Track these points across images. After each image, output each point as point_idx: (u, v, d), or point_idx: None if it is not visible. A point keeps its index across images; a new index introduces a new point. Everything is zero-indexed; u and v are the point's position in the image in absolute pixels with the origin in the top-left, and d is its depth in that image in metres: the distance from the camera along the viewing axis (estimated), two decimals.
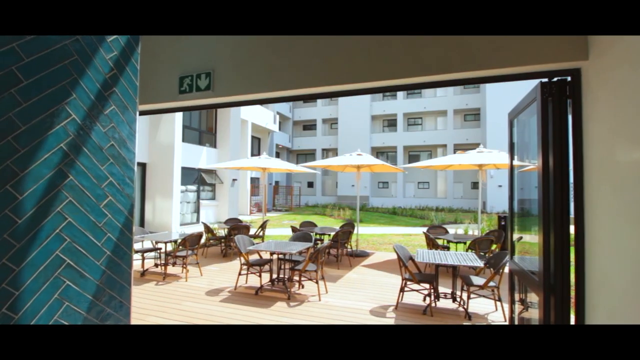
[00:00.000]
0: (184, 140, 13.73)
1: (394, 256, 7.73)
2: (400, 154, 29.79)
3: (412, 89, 2.45)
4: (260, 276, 4.76)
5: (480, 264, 3.87)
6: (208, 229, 7.49)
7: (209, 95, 2.74)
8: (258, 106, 22.32)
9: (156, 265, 5.92)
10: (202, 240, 8.52)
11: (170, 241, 5.59)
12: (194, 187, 14.33)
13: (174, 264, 5.80)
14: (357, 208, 8.26)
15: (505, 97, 24.41)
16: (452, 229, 13.19)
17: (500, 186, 24.07)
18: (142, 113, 3.17)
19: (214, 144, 16.09)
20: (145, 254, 5.95)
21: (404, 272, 4.19)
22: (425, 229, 6.80)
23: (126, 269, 1.62)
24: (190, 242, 5.50)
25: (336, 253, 6.53)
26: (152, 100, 2.97)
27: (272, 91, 2.63)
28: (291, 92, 2.62)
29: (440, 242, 6.64)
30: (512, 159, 2.97)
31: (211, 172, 15.84)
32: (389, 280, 5.64)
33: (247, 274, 4.85)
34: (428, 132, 29.76)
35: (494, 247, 5.86)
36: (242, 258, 4.67)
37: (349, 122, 31.07)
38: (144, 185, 11.76)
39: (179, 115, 11.61)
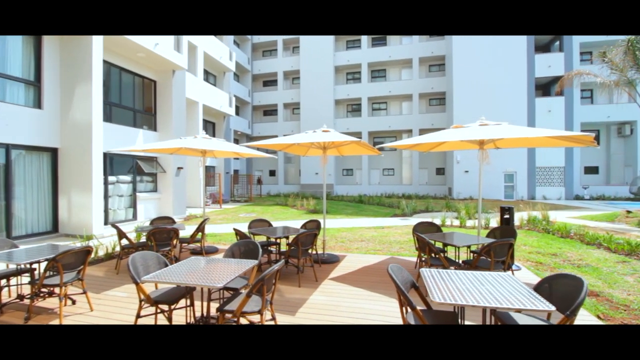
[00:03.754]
0: (112, 120, 11.22)
1: (371, 261, 6.26)
2: (365, 140, 28.64)
3: None
4: (169, 318, 2.99)
5: (546, 305, 2.31)
6: (122, 234, 5.49)
7: None
8: (211, 87, 19.80)
9: (20, 297, 3.89)
10: (104, 252, 6.50)
11: (47, 259, 3.59)
12: (128, 178, 11.91)
13: (49, 295, 3.83)
14: (323, 198, 6.68)
15: (471, 80, 23.97)
16: (427, 220, 12.15)
17: (466, 172, 23.80)
18: None
19: (153, 127, 13.61)
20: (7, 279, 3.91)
21: (405, 311, 2.63)
22: (397, 218, 5.34)
23: None
24: (70, 261, 3.57)
25: (297, 263, 4.89)
26: None
27: None
28: None
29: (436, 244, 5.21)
30: None
31: (151, 159, 13.41)
32: (373, 306, 4.06)
33: (155, 313, 3.06)
34: (393, 116, 28.84)
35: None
36: (140, 292, 2.87)
37: (311, 107, 29.25)
38: (55, 176, 9.26)
39: (96, 88, 9.15)
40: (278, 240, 5.58)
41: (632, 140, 23.55)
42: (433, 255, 4.58)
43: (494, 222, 10.78)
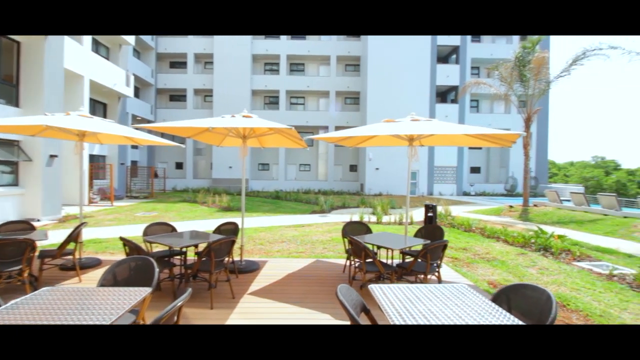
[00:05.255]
0: None
1: (296, 265, 5.61)
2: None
3: None
4: None
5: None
6: None
7: None
8: (100, 59, 16.43)
9: None
10: None
11: None
12: None
13: None
14: (242, 195, 5.72)
15: (383, 81, 25.32)
16: (345, 216, 12.14)
17: (377, 169, 25.17)
18: None
19: (14, 101, 10.46)
20: None
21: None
22: (317, 215, 4.84)
23: None
24: None
25: (209, 278, 3.89)
26: None
27: None
28: None
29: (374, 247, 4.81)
30: None
31: (10, 144, 10.30)
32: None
33: None
34: (311, 112, 28.78)
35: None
36: None
37: (226, 95, 27.14)
38: None
39: None
40: (184, 249, 4.46)
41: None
42: (368, 260, 4.15)
43: (407, 217, 11.28)
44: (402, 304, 2.28)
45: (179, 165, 29.11)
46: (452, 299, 2.40)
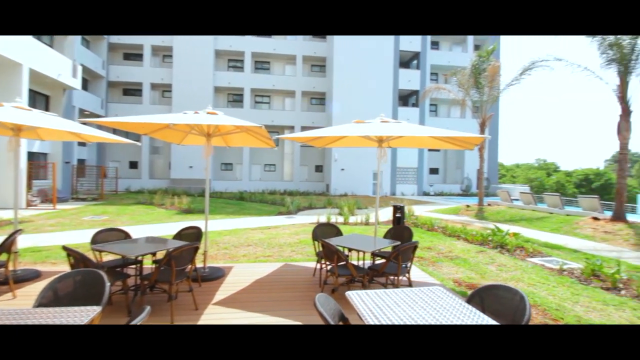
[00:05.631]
0: None
1: (264, 270, 5.40)
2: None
3: None
4: None
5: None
6: None
7: None
8: (43, 46, 14.89)
9: None
10: None
11: None
12: None
13: None
14: (206, 196, 5.34)
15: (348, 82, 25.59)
16: (312, 217, 12.00)
17: (343, 169, 25.39)
18: None
19: None
20: None
21: None
22: (283, 217, 4.70)
23: None
24: None
25: (167, 288, 3.54)
26: None
27: None
28: None
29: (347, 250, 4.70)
30: None
31: None
32: None
33: None
34: (276, 111, 28.35)
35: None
36: None
37: (186, 91, 25.89)
38: None
39: None
40: (140, 258, 4.06)
41: None
42: (340, 263, 4.05)
43: (373, 218, 11.44)
44: (382, 311, 2.19)
45: (134, 165, 27.26)
46: (430, 303, 2.36)
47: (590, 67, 11.37)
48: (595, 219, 11.13)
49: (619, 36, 10.43)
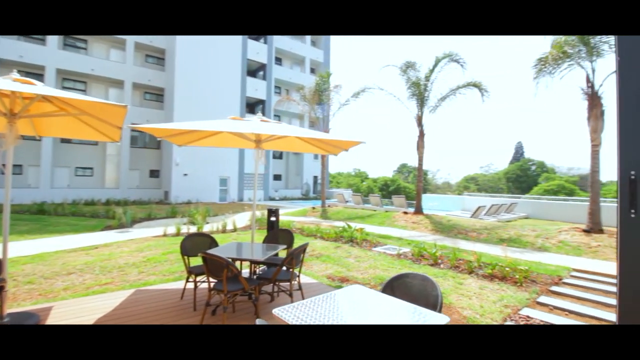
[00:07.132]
0: None
1: (107, 304, 4.15)
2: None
3: None
4: None
5: (440, 317, 1.92)
6: None
7: None
8: None
9: None
10: None
11: None
12: None
13: None
14: (5, 210, 3.49)
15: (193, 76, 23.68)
16: (156, 229, 10.15)
17: (186, 175, 23.00)
18: None
19: None
20: None
21: None
22: (114, 232, 3.92)
23: None
24: None
25: None
26: None
27: None
28: None
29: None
30: None
31: None
32: None
33: None
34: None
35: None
36: None
37: None
38: None
39: None
40: None
41: (300, 156, 32.52)
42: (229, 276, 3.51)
43: (231, 224, 10.83)
44: (334, 322, 2.00)
45: None
46: (356, 301, 2.33)
47: (402, 98, 14.66)
48: (406, 213, 14.34)
49: (418, 77, 13.92)
